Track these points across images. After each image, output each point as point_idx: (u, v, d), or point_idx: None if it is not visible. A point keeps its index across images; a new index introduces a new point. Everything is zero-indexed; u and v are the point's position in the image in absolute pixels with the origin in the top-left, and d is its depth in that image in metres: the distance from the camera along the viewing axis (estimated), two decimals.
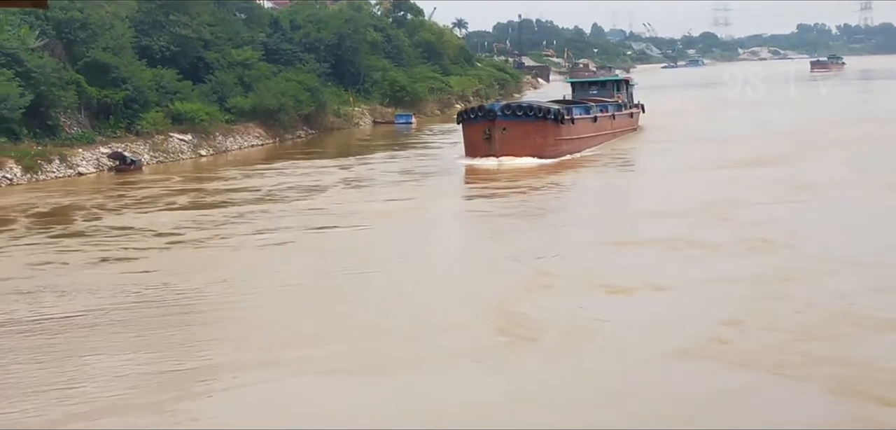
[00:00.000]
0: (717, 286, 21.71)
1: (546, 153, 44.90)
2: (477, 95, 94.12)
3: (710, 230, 28.08)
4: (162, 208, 35.04)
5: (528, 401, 15.41)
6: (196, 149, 52.98)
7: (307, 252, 27.42)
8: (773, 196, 33.82)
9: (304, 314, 20.55)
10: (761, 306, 19.82)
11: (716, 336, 18.02)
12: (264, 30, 73.45)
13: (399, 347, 18.06)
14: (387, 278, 23.95)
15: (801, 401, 15.29)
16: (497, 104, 47.84)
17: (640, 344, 17.67)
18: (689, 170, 41.93)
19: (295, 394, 15.79)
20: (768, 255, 24.74)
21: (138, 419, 15.05)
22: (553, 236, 29.10)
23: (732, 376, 16.16)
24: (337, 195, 37.63)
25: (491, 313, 20.05)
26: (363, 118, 74.62)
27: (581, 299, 20.91)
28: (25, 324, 19.90)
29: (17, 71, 45.17)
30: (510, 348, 17.95)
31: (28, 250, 28.00)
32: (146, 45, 57.62)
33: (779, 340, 17.71)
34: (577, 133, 48.71)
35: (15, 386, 16.40)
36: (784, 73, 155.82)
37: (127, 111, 51.28)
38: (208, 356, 17.78)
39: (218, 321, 20.43)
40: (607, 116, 54.70)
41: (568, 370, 16.77)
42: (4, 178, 41.06)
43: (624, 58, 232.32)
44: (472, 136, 45.75)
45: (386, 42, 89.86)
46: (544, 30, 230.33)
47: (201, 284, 23.25)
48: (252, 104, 59.29)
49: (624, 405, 15.19)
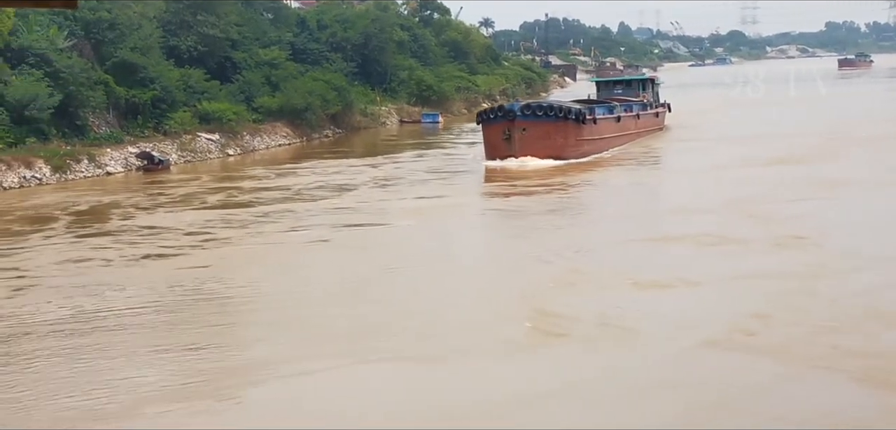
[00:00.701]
0: (748, 281, 21.70)
1: (567, 154, 44.21)
2: (504, 94, 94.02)
3: (738, 227, 28.02)
4: (198, 207, 35.29)
5: (571, 391, 15.76)
6: (223, 148, 53.17)
7: (346, 249, 27.78)
8: (802, 194, 33.73)
9: (355, 307, 21.11)
10: (791, 301, 19.92)
11: (746, 329, 18.18)
12: (291, 29, 73.61)
13: (453, 337, 18.56)
14: (426, 274, 24.44)
15: (830, 391, 15.54)
16: (517, 104, 47.13)
17: (675, 337, 17.96)
18: (716, 168, 41.61)
19: (367, 378, 16.55)
20: (797, 251, 24.71)
21: (207, 405, 15.62)
22: (582, 233, 29.13)
23: (763, 366, 16.36)
24: (368, 194, 37.70)
25: (529, 308, 20.29)
26: (390, 117, 74.67)
27: (615, 295, 21.07)
28: (89, 317, 20.38)
29: (46, 71, 45.51)
30: (551, 340, 18.28)
31: (79, 246, 28.40)
32: (174, 45, 57.91)
33: (807, 333, 17.92)
34: (600, 133, 47.87)
35: (85, 376, 16.85)
36: (810, 71, 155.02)
37: (155, 111, 51.54)
38: (273, 346, 18.28)
39: (282, 312, 20.79)
40: (632, 115, 53.86)
41: (607, 360, 17.04)
42: (34, 177, 41.33)
43: (651, 56, 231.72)
44: (491, 136, 45.02)
45: (412, 41, 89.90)
46: (571, 29, 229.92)
47: (252, 279, 23.74)
48: (279, 104, 59.46)
49: (665, 395, 15.51)
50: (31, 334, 19.43)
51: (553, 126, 44.49)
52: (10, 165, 40.93)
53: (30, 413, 15.52)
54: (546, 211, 32.77)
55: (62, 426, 14.96)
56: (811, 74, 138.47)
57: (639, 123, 54.84)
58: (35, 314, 20.71)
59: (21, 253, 27.61)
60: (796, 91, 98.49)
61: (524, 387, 15.83)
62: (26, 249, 28.31)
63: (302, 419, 15.03)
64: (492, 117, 45.46)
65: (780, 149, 46.60)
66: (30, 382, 16.76)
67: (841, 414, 14.65)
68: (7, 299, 22.04)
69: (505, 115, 44.90)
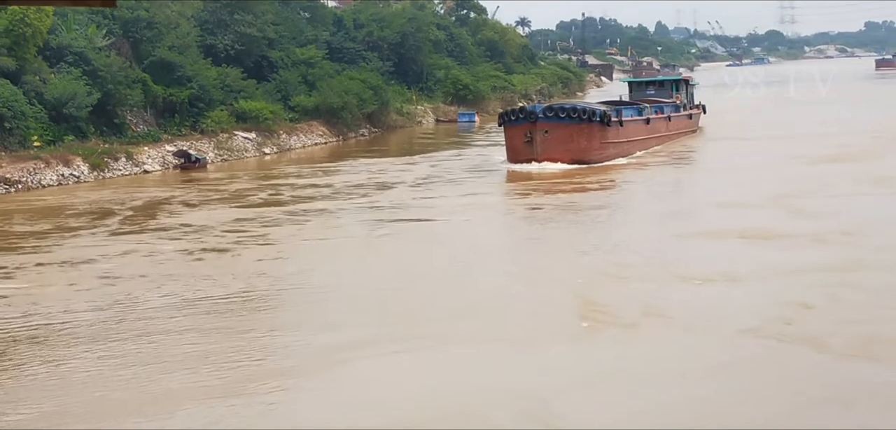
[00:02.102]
0: (794, 276, 22.05)
1: (591, 157, 42.96)
2: (540, 94, 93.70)
3: (781, 222, 27.94)
4: (254, 204, 35.71)
5: (632, 375, 16.37)
6: (260, 147, 53.24)
7: (407, 243, 28.71)
8: (847, 190, 33.79)
9: (427, 295, 22.16)
10: (835, 293, 20.40)
11: (791, 319, 18.78)
12: (328, 29, 73.72)
13: (519, 324, 19.33)
14: (484, 266, 25.15)
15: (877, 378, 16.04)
16: (539, 106, 45.68)
17: (722, 326, 18.48)
18: (752, 171, 40.63)
19: (449, 359, 17.49)
20: (843, 247, 24.84)
21: (310, 379, 16.78)
22: (619, 230, 28.90)
23: (807, 355, 17.03)
24: (412, 192, 37.97)
25: (585, 299, 21.03)
26: (426, 117, 74.61)
27: (663, 287, 21.59)
28: (197, 302, 21.52)
29: (84, 70, 45.76)
30: (607, 329, 18.89)
31: (152, 240, 29.11)
32: (211, 44, 58.05)
33: (852, 324, 18.34)
34: (627, 136, 46.31)
35: (198, 358, 17.72)
36: (847, 71, 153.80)
37: (192, 110, 51.69)
38: (366, 329, 19.19)
39: (364, 299, 21.74)
40: (662, 117, 52.54)
41: (660, 348, 17.67)
42: (72, 175, 41.50)
43: (688, 56, 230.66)
44: (513, 139, 43.75)
45: (449, 41, 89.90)
46: (608, 28, 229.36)
47: (331, 270, 24.64)
48: (315, 103, 59.51)
49: (719, 378, 16.18)
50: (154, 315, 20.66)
51: (576, 128, 43.07)
52: (48, 163, 41.11)
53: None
54: (593, 207, 33.03)
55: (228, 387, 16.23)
56: (851, 74, 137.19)
57: (670, 125, 53.47)
58: (153, 298, 21.93)
59: (99, 248, 28.10)
60: (829, 90, 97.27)
61: (586, 367, 16.85)
62: (109, 243, 28.83)
63: (401, 391, 16.07)
64: (513, 119, 44.26)
65: (818, 149, 45.90)
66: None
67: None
68: (145, 290, 22.71)
69: (526, 116, 43.72)
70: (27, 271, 25.13)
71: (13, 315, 20.55)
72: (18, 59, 43.29)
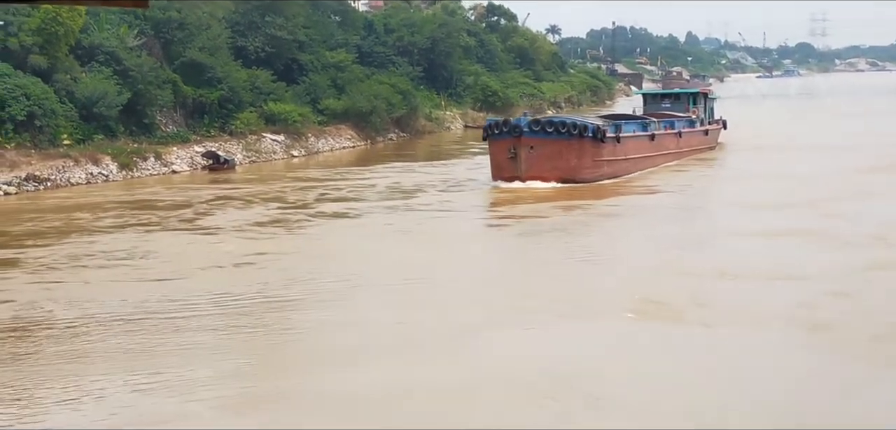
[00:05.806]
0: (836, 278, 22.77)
1: (581, 176, 39.62)
2: (569, 102, 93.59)
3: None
4: (281, 206, 35.67)
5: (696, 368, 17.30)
6: (288, 149, 53.26)
7: (461, 241, 29.64)
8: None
9: (494, 285, 23.60)
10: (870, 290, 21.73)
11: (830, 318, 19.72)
12: (358, 33, 73.69)
13: (591, 306, 21.23)
14: (539, 261, 26.41)
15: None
16: (524, 119, 41.14)
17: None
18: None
19: (536, 337, 19.06)
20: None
21: (383, 363, 17.53)
22: (648, 237, 28.70)
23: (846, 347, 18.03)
24: (445, 195, 38.29)
25: (635, 291, 22.04)
26: (454, 122, 74.47)
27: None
28: (262, 295, 22.22)
29: (115, 69, 45.89)
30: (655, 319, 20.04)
31: (212, 238, 29.60)
32: (241, 46, 58.12)
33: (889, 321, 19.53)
34: (625, 153, 42.51)
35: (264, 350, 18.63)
36: (876, 85, 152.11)
37: (221, 111, 51.76)
38: (459, 312, 20.57)
39: (444, 287, 23.14)
40: (672, 133, 48.48)
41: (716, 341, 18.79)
42: (101, 174, 41.61)
43: (718, 67, 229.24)
44: (497, 154, 40.27)
45: (479, 47, 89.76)
46: (638, 37, 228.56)
47: (398, 259, 25.97)
48: (344, 106, 59.46)
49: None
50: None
51: (565, 144, 39.67)
52: (77, 161, 41.23)
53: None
54: (615, 215, 33.74)
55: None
56: (880, 88, 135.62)
57: (680, 141, 49.26)
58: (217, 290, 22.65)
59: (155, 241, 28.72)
60: (858, 107, 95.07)
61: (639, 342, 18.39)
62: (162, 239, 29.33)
63: (498, 364, 17.24)
64: (497, 133, 40.29)
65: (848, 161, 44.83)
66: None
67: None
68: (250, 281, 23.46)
69: (510, 130, 39.74)
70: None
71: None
72: (50, 57, 43.43)
